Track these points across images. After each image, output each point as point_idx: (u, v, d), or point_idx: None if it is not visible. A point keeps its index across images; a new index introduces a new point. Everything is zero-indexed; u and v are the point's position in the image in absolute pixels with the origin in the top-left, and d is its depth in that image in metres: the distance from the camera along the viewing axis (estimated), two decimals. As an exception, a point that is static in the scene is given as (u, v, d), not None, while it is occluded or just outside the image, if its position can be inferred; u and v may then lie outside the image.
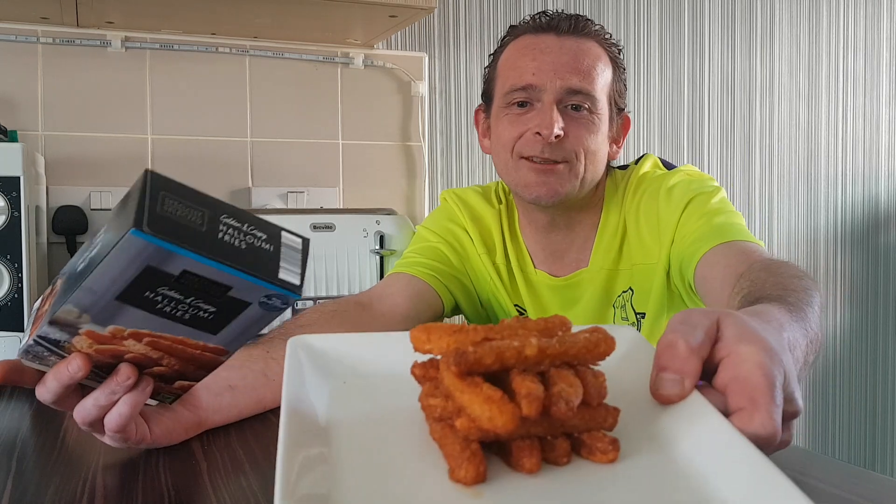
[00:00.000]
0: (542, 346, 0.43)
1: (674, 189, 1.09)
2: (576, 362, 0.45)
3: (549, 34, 1.09)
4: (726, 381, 0.49)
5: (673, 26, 2.00)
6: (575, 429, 0.45)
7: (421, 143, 1.73)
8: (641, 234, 1.11)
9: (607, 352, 0.46)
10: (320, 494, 0.41)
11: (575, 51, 1.08)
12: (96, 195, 1.47)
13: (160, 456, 0.70)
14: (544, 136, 1.05)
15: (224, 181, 1.58)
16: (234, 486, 0.62)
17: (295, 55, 1.63)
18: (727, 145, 2.08)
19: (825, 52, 2.19)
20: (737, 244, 0.96)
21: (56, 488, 0.62)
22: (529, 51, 1.08)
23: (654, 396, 0.50)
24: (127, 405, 0.62)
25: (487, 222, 1.21)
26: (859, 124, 2.25)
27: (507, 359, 0.42)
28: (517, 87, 1.07)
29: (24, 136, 1.43)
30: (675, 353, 0.49)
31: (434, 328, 0.47)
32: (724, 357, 0.50)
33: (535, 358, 0.43)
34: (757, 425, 0.46)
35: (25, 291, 1.04)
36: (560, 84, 1.06)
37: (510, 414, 0.40)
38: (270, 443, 0.75)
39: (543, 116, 1.06)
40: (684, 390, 0.49)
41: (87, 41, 1.48)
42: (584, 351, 0.45)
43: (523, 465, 0.43)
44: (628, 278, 1.13)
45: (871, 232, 2.28)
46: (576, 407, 0.43)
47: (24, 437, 0.78)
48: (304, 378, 0.51)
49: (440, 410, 0.45)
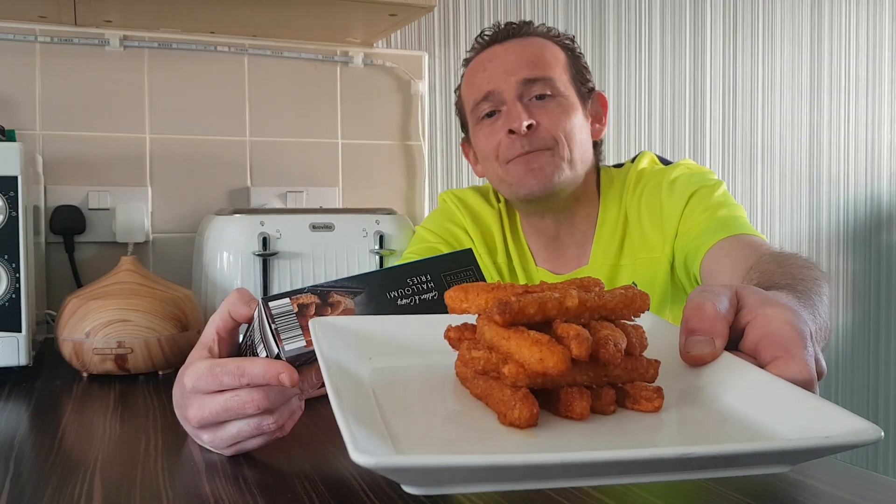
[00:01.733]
0: (583, 299, 0.44)
1: (676, 182, 1.09)
2: (613, 316, 0.46)
3: (493, 46, 1.14)
4: (756, 339, 0.49)
5: (674, 26, 2.00)
6: (619, 378, 0.45)
7: (421, 142, 1.72)
8: (644, 227, 1.11)
9: (643, 307, 0.47)
10: (386, 445, 0.40)
11: (520, 48, 1.11)
12: (94, 195, 1.47)
13: (158, 456, 0.69)
14: (517, 130, 1.07)
15: (223, 181, 1.58)
16: (233, 486, 0.62)
17: (294, 54, 1.62)
18: (729, 145, 2.07)
19: (827, 51, 2.19)
20: (743, 237, 0.96)
21: (54, 489, 0.62)
22: (479, 66, 1.14)
23: (685, 360, 0.50)
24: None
25: (488, 222, 1.21)
26: (861, 124, 2.25)
27: (549, 309, 0.42)
28: (479, 100, 1.11)
29: (21, 135, 1.42)
30: (704, 315, 0.49)
31: (471, 287, 0.47)
32: (750, 321, 0.50)
33: (576, 310, 0.43)
34: (794, 371, 0.47)
35: (23, 291, 1.04)
36: (514, 80, 1.09)
37: (560, 354, 0.40)
38: (269, 443, 0.74)
39: (509, 114, 1.09)
40: (716, 350, 0.49)
41: (85, 40, 1.48)
42: (621, 305, 0.45)
43: (573, 410, 0.42)
44: (631, 272, 1.13)
45: (874, 232, 2.27)
46: (623, 350, 0.43)
47: (21, 438, 0.78)
48: (338, 351, 0.51)
49: (483, 363, 0.44)
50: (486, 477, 0.37)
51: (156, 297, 1.07)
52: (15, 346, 1.03)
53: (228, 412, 0.61)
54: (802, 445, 0.38)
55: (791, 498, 0.58)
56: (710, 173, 1.12)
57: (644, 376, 0.46)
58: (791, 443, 0.39)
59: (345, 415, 0.39)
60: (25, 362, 1.04)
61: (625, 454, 0.36)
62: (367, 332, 0.54)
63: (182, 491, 0.61)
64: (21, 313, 1.04)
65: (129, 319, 1.03)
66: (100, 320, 1.03)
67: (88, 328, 1.03)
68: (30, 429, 0.82)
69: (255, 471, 0.66)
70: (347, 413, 0.40)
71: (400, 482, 0.38)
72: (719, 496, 0.59)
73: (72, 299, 1.07)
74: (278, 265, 1.24)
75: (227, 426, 0.63)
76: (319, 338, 0.51)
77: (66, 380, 1.04)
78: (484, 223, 1.21)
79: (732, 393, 0.46)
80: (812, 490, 0.59)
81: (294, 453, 0.71)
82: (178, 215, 1.54)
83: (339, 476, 0.64)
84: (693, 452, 0.36)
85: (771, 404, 0.43)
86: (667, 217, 1.08)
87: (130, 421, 0.83)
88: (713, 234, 0.99)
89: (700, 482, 0.62)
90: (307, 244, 1.26)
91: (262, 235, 1.22)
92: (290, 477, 0.64)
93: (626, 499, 0.58)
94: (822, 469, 0.64)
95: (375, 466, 0.35)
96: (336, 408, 0.40)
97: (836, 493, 0.59)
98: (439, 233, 1.22)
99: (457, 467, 0.35)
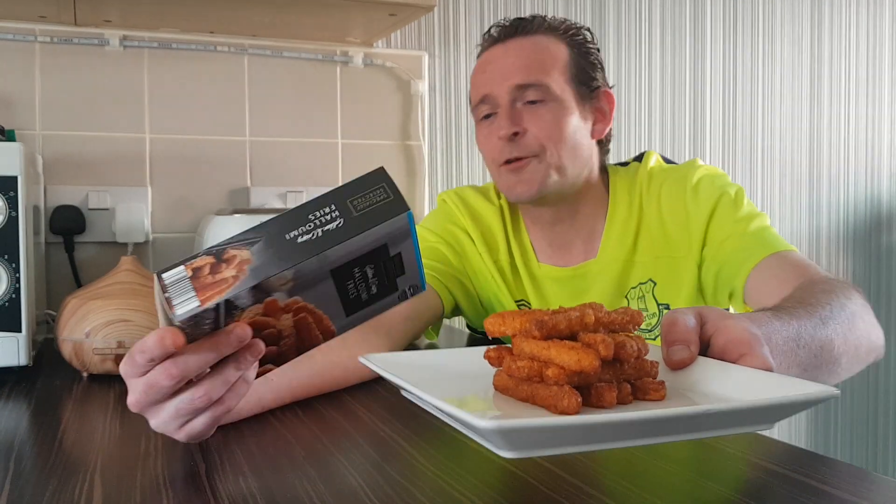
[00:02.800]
0: (598, 316, 0.57)
1: (699, 186, 1.12)
2: (619, 329, 0.59)
3: (496, 46, 1.15)
4: (722, 344, 0.62)
5: (674, 26, 2.00)
6: (631, 376, 0.57)
7: (421, 142, 1.72)
8: (666, 227, 1.13)
9: (639, 323, 0.60)
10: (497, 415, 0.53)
11: (517, 50, 1.13)
12: (94, 195, 1.47)
13: (159, 457, 0.69)
14: (501, 138, 1.10)
15: (222, 180, 1.58)
16: (233, 486, 0.62)
17: (294, 54, 1.62)
18: (729, 145, 2.08)
19: (827, 52, 2.19)
20: (785, 255, 1.01)
21: (54, 489, 0.62)
22: (480, 67, 1.16)
23: (668, 365, 0.62)
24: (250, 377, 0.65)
25: (488, 220, 1.21)
26: (861, 124, 2.25)
27: (574, 325, 0.55)
28: (477, 102, 1.14)
29: (21, 135, 1.42)
30: (678, 329, 0.62)
31: (507, 315, 0.59)
32: (712, 333, 0.63)
33: (593, 325, 0.56)
34: (758, 363, 0.59)
35: (23, 291, 1.04)
36: (507, 86, 1.11)
37: (592, 355, 0.52)
38: (269, 443, 0.74)
39: (498, 121, 1.11)
40: (692, 354, 0.62)
41: (85, 40, 1.48)
42: (625, 320, 0.59)
43: (605, 399, 0.55)
44: (648, 270, 1.14)
45: (874, 232, 2.28)
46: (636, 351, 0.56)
47: (21, 438, 0.78)
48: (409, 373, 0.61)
49: (528, 370, 0.56)
50: (576, 439, 0.47)
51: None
52: (15, 346, 1.03)
53: (151, 388, 0.60)
54: (775, 402, 0.51)
55: (791, 498, 0.58)
56: (726, 176, 1.15)
57: (649, 373, 0.58)
58: (767, 400, 0.52)
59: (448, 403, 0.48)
60: (25, 362, 1.04)
61: (666, 412, 0.48)
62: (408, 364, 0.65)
63: (182, 491, 0.61)
64: (21, 313, 1.04)
65: (129, 319, 1.03)
66: (100, 320, 1.03)
67: (88, 328, 1.03)
68: (30, 429, 0.82)
69: (256, 471, 0.66)
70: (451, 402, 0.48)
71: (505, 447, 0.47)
72: (719, 496, 0.59)
73: (72, 299, 1.07)
74: (278, 265, 1.24)
75: (163, 406, 0.63)
76: (379, 367, 0.61)
77: (66, 380, 1.04)
78: (485, 222, 1.22)
79: (716, 383, 0.59)
80: (812, 490, 0.59)
81: (294, 453, 0.71)
82: (177, 215, 1.54)
83: (339, 476, 0.64)
84: (706, 409, 0.49)
85: (747, 385, 0.57)
86: (693, 220, 1.10)
87: (131, 421, 0.83)
88: (754, 252, 1.02)
89: (701, 482, 0.63)
90: (307, 244, 1.26)
91: (262, 235, 1.22)
92: (290, 477, 0.64)
93: (626, 499, 0.58)
94: (822, 469, 0.64)
95: (498, 428, 0.44)
96: (437, 402, 0.49)
97: (836, 493, 0.59)
98: (439, 232, 1.22)
99: (560, 427, 0.46)
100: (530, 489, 0.61)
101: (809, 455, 0.69)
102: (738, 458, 0.69)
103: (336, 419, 0.83)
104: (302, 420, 0.82)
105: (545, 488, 0.61)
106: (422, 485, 0.62)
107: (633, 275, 1.15)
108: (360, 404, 0.89)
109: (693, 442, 0.73)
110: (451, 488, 0.61)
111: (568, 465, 0.65)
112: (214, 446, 0.73)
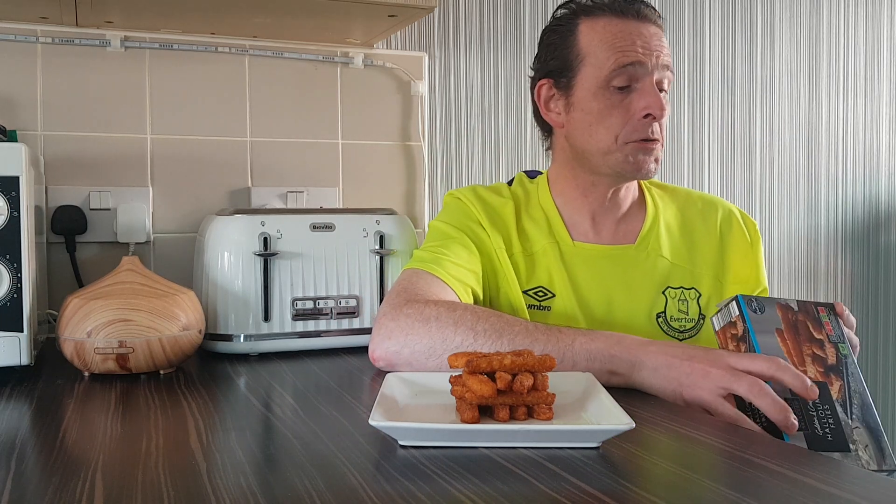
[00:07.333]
0: (514, 360, 0.77)
1: (747, 223, 1.28)
2: (534, 370, 0.78)
3: (631, 19, 1.13)
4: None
5: (674, 26, 2.00)
6: (529, 402, 0.77)
7: (421, 142, 1.73)
8: (727, 254, 1.24)
9: (551, 366, 0.78)
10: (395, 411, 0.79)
11: (657, 34, 1.14)
12: (95, 195, 1.47)
13: (160, 456, 0.70)
14: (657, 118, 1.11)
15: (223, 181, 1.58)
16: (233, 486, 0.62)
17: (294, 55, 1.63)
18: (728, 145, 2.08)
19: (825, 52, 2.19)
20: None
21: (55, 489, 0.62)
22: (627, 33, 1.11)
23: (787, 431, 0.84)
24: None
25: (503, 215, 1.22)
26: (860, 124, 2.25)
27: (494, 365, 0.77)
28: (622, 64, 1.10)
29: (23, 135, 1.42)
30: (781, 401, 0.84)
31: (459, 354, 0.82)
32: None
33: (510, 366, 0.77)
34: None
35: (25, 291, 1.04)
36: (660, 64, 1.12)
37: (490, 386, 0.75)
38: (270, 444, 0.75)
39: (652, 98, 1.10)
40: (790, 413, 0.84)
41: (87, 41, 1.48)
42: (537, 363, 0.78)
43: (499, 416, 0.76)
44: (696, 280, 1.21)
45: (872, 232, 2.28)
46: (528, 387, 0.76)
47: (23, 438, 0.78)
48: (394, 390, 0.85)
49: (459, 391, 0.78)
50: (444, 437, 0.72)
51: (157, 297, 1.07)
52: (16, 345, 1.03)
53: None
54: (580, 429, 0.73)
55: (791, 498, 0.58)
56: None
57: (545, 401, 0.77)
58: (575, 427, 0.74)
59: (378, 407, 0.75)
60: (27, 362, 1.04)
61: (494, 427, 0.72)
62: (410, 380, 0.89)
63: (183, 490, 0.61)
64: (23, 313, 1.04)
65: (130, 319, 1.04)
66: (101, 320, 1.03)
67: (90, 328, 1.03)
68: (31, 428, 0.82)
69: (256, 470, 0.66)
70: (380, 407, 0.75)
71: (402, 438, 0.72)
72: (719, 496, 0.59)
73: (73, 299, 1.07)
74: (279, 265, 1.24)
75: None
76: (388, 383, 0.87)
77: (67, 379, 1.05)
78: (501, 218, 1.22)
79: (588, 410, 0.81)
80: (812, 490, 0.60)
81: (295, 453, 0.71)
82: (179, 215, 1.55)
83: (340, 476, 0.64)
84: (519, 429, 0.72)
85: (597, 412, 0.79)
86: (749, 260, 1.24)
87: (132, 420, 0.83)
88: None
89: (702, 483, 0.63)
90: (308, 244, 1.26)
91: (263, 235, 1.23)
92: (291, 476, 0.64)
93: (626, 499, 0.59)
94: (822, 469, 0.65)
95: (377, 426, 0.70)
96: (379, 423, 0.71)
97: (836, 493, 0.59)
98: (459, 227, 1.21)
99: (423, 429, 0.72)
100: (530, 488, 0.61)
101: (809, 454, 0.69)
102: (739, 458, 0.69)
103: (336, 418, 0.83)
104: (302, 419, 0.83)
105: (545, 488, 0.61)
106: (422, 484, 0.62)
107: (677, 276, 1.20)
108: (361, 404, 0.89)
109: (694, 443, 0.74)
110: (451, 487, 0.61)
111: (568, 465, 0.66)
112: (216, 445, 0.73)
